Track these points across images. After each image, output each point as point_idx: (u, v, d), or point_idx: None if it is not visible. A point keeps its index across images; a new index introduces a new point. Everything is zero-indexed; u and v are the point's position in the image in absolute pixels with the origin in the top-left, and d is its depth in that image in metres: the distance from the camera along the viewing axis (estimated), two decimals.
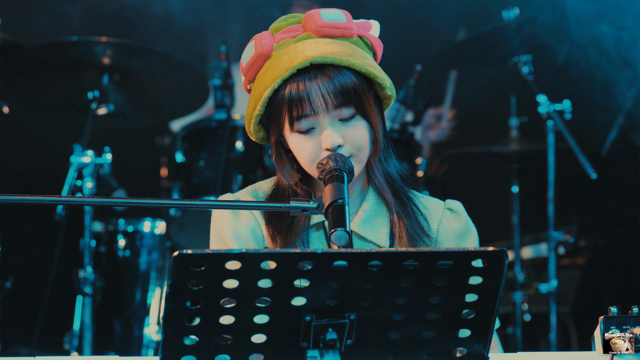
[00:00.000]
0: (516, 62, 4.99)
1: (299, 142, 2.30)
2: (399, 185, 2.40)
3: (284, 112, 2.28)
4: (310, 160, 2.29)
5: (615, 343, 2.00)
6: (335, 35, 2.31)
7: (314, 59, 2.25)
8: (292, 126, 2.29)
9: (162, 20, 5.23)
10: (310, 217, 2.36)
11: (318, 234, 2.36)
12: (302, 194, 2.38)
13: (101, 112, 4.51)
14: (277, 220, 2.35)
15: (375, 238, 2.36)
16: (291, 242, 2.33)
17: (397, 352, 1.84)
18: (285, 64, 2.26)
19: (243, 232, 2.35)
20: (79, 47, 4.48)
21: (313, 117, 2.27)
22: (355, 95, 2.28)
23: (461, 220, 2.44)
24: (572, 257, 5.76)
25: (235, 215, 2.37)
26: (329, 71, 2.27)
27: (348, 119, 2.29)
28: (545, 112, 4.73)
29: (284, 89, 2.27)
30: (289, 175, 2.37)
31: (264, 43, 2.32)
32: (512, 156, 5.20)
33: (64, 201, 2.16)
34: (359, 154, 2.30)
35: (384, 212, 2.38)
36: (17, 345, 5.05)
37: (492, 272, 1.78)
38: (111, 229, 4.74)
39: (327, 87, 2.26)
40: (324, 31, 2.31)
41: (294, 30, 2.33)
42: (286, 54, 2.28)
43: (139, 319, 4.69)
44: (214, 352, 1.79)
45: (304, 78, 2.26)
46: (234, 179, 4.50)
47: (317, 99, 2.26)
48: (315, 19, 2.31)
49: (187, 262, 1.71)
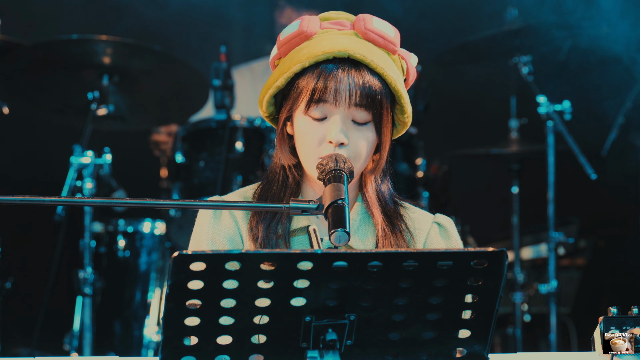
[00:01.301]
0: (516, 62, 4.99)
1: (307, 126, 2.29)
2: (390, 207, 2.39)
3: (305, 92, 2.27)
4: (311, 147, 2.28)
5: (615, 343, 2.00)
6: (379, 44, 2.31)
7: (353, 53, 2.26)
8: (307, 108, 2.27)
9: (162, 20, 5.24)
10: (292, 221, 2.34)
11: (301, 239, 2.35)
12: (291, 180, 2.37)
13: (101, 112, 4.51)
14: (258, 222, 2.34)
15: (362, 247, 2.35)
16: (274, 246, 2.31)
17: (397, 352, 1.84)
18: (324, 47, 2.27)
19: (220, 240, 2.34)
20: (79, 46, 4.48)
21: (332, 107, 2.27)
22: (378, 103, 2.27)
23: (450, 238, 2.42)
24: (572, 257, 5.76)
25: (216, 223, 2.36)
26: (364, 70, 2.27)
27: (361, 124, 2.29)
28: (545, 113, 4.73)
29: (314, 71, 2.27)
30: (286, 156, 2.36)
31: (310, 24, 2.32)
32: (512, 157, 5.21)
33: (64, 202, 2.16)
34: (356, 162, 2.28)
35: (370, 225, 2.38)
36: (17, 346, 5.05)
37: (491, 273, 1.78)
38: (111, 230, 4.74)
39: (358, 83, 2.26)
40: (370, 35, 2.31)
41: (343, 25, 2.34)
42: (327, 40, 2.29)
43: (139, 319, 4.69)
44: (213, 353, 1.79)
45: (337, 67, 2.26)
46: (234, 179, 4.50)
47: (343, 91, 2.26)
48: (367, 22, 2.32)
49: (187, 262, 1.71)
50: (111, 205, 2.64)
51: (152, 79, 4.64)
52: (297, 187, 2.37)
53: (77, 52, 4.49)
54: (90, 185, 4.29)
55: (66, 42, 4.48)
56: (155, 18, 5.31)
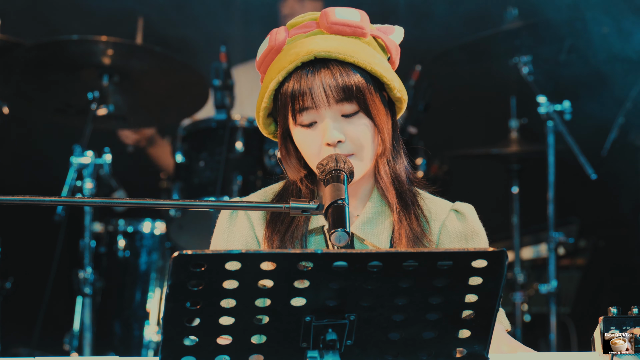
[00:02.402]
0: (516, 62, 4.99)
1: (302, 136, 2.30)
2: (406, 189, 2.40)
3: (287, 104, 2.29)
4: (313, 155, 2.30)
5: (615, 343, 2.00)
6: (347, 33, 2.31)
7: (318, 54, 2.26)
8: (295, 119, 2.29)
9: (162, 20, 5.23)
10: (310, 221, 2.35)
11: (317, 239, 2.36)
12: (305, 191, 2.38)
13: (101, 112, 4.51)
14: (277, 224, 2.35)
15: (375, 240, 2.35)
16: (290, 246, 2.33)
17: (397, 352, 1.84)
18: (291, 57, 2.28)
19: (234, 243, 2.37)
20: (78, 47, 4.48)
21: (314, 111, 2.28)
22: (358, 92, 2.28)
23: (466, 223, 2.43)
24: (572, 257, 5.76)
25: (231, 226, 2.38)
26: (333, 66, 2.27)
27: (350, 116, 2.29)
28: (545, 113, 4.73)
29: (289, 82, 2.28)
30: (294, 170, 2.37)
31: (277, 37, 2.34)
32: (512, 157, 5.20)
33: (64, 202, 2.16)
34: (361, 152, 2.29)
35: (386, 213, 2.38)
36: (17, 346, 5.05)
37: (492, 273, 1.78)
38: (111, 230, 4.74)
39: (329, 82, 2.26)
40: (336, 28, 2.31)
41: (308, 26, 2.35)
42: (294, 48, 2.30)
43: (139, 319, 4.69)
44: (213, 353, 1.79)
45: (307, 72, 2.27)
46: (234, 179, 4.50)
47: (318, 93, 2.26)
48: (329, 16, 2.32)
49: (187, 262, 1.71)
50: (111, 205, 2.64)
51: (152, 79, 4.64)
52: (311, 195, 2.38)
53: (77, 53, 4.49)
54: (90, 185, 4.29)
55: (66, 43, 4.49)
56: (155, 18, 5.31)
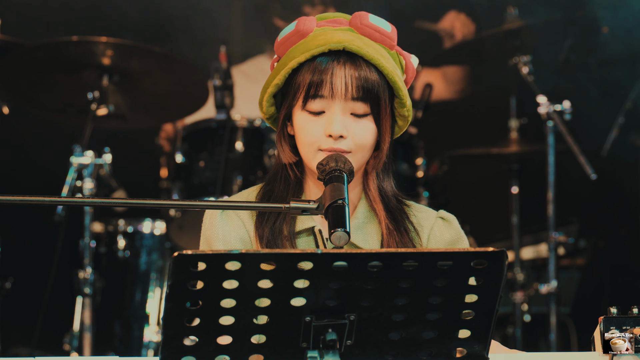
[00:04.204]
0: (516, 62, 4.99)
1: (306, 121, 2.29)
2: (394, 205, 2.39)
3: (302, 86, 2.27)
4: (309, 142, 2.28)
5: (615, 343, 2.00)
6: (376, 38, 2.31)
7: (347, 46, 2.26)
8: (304, 103, 2.28)
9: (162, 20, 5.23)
10: (297, 223, 2.34)
11: (307, 240, 2.35)
12: (293, 179, 2.36)
13: (101, 112, 4.51)
14: (267, 224, 2.34)
15: (366, 245, 2.35)
16: (280, 246, 2.32)
17: (397, 352, 1.84)
18: (319, 41, 2.27)
19: (231, 241, 2.34)
20: (78, 47, 4.48)
21: (328, 100, 2.27)
22: (375, 95, 2.27)
23: (453, 230, 2.42)
24: (572, 257, 5.76)
25: (226, 224, 2.35)
26: (360, 63, 2.27)
27: (359, 116, 2.28)
28: (545, 113, 4.73)
29: (310, 65, 2.27)
30: (287, 155, 2.36)
31: (306, 23, 2.32)
32: (512, 157, 5.20)
33: (64, 202, 2.16)
34: (357, 153, 2.28)
35: (375, 222, 2.38)
36: (17, 345, 5.05)
37: (492, 273, 1.78)
38: (111, 230, 4.74)
39: (352, 76, 2.26)
40: (367, 30, 2.31)
41: (339, 22, 2.34)
42: (323, 36, 2.29)
43: (139, 319, 4.69)
44: (213, 353, 1.79)
45: (333, 60, 2.26)
46: (234, 179, 4.50)
47: (339, 84, 2.26)
48: (362, 18, 2.32)
49: (187, 262, 1.71)
50: (111, 205, 2.64)
51: (152, 79, 4.63)
52: (299, 185, 2.37)
53: (77, 53, 4.49)
54: (90, 185, 4.29)
55: (66, 44, 4.48)
56: (156, 18, 5.30)
